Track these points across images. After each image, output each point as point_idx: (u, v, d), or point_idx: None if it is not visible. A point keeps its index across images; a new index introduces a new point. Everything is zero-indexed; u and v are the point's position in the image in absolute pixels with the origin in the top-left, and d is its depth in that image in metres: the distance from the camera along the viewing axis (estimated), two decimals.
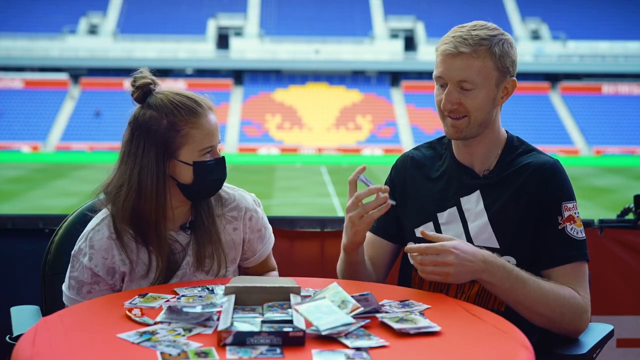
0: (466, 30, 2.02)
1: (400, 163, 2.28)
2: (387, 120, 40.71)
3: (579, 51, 44.13)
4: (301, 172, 27.58)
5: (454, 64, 2.00)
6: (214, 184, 2.08)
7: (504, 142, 2.14)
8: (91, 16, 46.28)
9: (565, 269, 1.98)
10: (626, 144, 38.27)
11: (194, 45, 43.94)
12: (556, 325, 1.93)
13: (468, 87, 2.01)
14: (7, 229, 3.07)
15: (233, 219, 2.16)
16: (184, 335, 1.55)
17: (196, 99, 2.06)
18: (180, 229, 2.10)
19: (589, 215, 6.12)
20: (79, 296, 2.05)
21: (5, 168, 27.36)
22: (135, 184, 2.00)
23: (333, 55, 43.78)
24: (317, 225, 3.13)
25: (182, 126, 1.99)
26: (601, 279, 3.04)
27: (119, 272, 2.05)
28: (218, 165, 2.05)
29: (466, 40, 1.99)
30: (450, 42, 2.01)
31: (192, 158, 2.01)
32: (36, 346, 1.49)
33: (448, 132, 2.08)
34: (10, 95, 41.08)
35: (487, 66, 2.00)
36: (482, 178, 2.10)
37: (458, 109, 2.03)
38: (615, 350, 3.13)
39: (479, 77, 2.00)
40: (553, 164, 2.06)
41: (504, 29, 2.07)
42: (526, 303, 1.91)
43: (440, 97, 2.05)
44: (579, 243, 2.01)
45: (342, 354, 1.45)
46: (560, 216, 2.00)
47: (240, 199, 2.18)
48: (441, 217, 2.12)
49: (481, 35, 2.01)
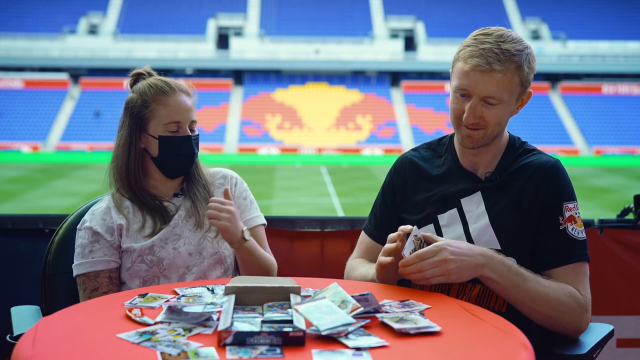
0: (494, 42, 1.97)
1: (399, 165, 2.27)
2: (387, 120, 40.71)
3: (579, 51, 44.12)
4: (301, 172, 27.58)
5: (484, 79, 1.96)
6: (179, 159, 2.25)
7: (506, 143, 2.14)
8: (91, 16, 46.27)
9: (567, 269, 1.98)
10: (626, 144, 38.27)
11: (194, 45, 43.94)
12: (557, 323, 1.93)
13: (493, 102, 1.98)
14: (7, 229, 3.07)
15: (221, 185, 2.38)
16: (184, 335, 1.55)
17: (169, 81, 2.29)
18: (174, 196, 2.32)
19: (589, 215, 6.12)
20: (82, 259, 2.20)
21: (5, 168, 27.36)
22: (119, 154, 2.28)
23: (333, 55, 43.78)
24: (317, 225, 3.13)
25: (150, 103, 2.24)
26: (601, 279, 3.04)
27: (117, 227, 2.24)
28: (183, 141, 2.24)
29: (498, 55, 1.95)
30: (481, 56, 1.95)
31: (157, 132, 2.24)
32: (36, 346, 1.49)
33: (463, 142, 2.06)
34: (10, 95, 41.09)
35: (514, 83, 1.99)
36: (483, 180, 2.10)
37: (479, 122, 2.01)
38: (615, 350, 3.13)
39: (505, 93, 1.98)
40: (554, 164, 2.05)
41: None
42: (527, 300, 1.90)
43: (459, 107, 2.02)
44: (580, 243, 2.00)
45: (342, 354, 1.45)
46: (562, 216, 2.00)
47: (226, 171, 2.43)
48: (442, 218, 2.11)
49: (512, 51, 1.96)
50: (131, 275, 2.21)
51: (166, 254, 2.21)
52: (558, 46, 44.51)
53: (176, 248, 2.22)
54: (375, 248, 2.24)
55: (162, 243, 2.22)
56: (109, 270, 2.20)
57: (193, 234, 2.25)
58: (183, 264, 2.22)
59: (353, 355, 1.44)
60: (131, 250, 2.21)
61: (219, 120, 38.99)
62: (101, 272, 2.19)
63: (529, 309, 1.91)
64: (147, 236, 2.22)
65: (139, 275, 2.20)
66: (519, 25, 46.49)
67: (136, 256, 2.20)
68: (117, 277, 2.23)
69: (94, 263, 2.19)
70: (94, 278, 2.19)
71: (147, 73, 2.33)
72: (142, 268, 2.20)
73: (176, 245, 2.23)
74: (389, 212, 2.24)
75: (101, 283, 2.18)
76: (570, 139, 39.28)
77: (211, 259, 2.24)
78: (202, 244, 2.25)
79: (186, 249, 2.23)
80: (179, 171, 2.29)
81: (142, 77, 2.32)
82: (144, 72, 2.32)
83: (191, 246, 2.24)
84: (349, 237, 3.03)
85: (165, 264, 2.21)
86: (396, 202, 2.22)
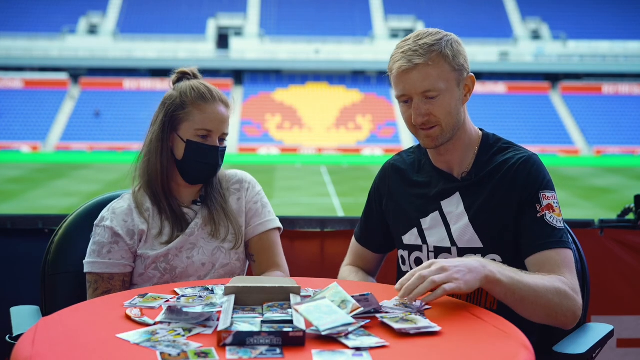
0: (412, 42, 2.02)
1: (383, 172, 2.29)
2: (387, 120, 40.71)
3: (579, 51, 44.12)
4: (301, 172, 27.58)
5: (412, 77, 2.00)
6: (202, 167, 2.22)
7: (479, 141, 2.13)
8: (91, 16, 46.27)
9: (550, 254, 1.96)
10: (626, 144, 38.26)
11: (194, 45, 43.94)
12: (558, 312, 1.89)
13: (433, 95, 2.00)
14: (7, 229, 3.07)
15: (236, 191, 2.35)
16: (183, 335, 1.55)
17: (211, 89, 2.26)
18: (192, 204, 2.29)
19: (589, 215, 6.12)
20: (99, 258, 2.17)
21: (5, 168, 27.35)
22: (152, 149, 2.24)
23: (333, 55, 43.78)
24: (317, 225, 3.13)
25: (188, 105, 2.22)
26: (601, 279, 3.04)
27: (138, 232, 2.21)
28: (210, 150, 2.21)
29: (416, 51, 1.99)
30: (402, 58, 2.01)
31: (187, 135, 2.21)
32: (36, 346, 1.49)
33: (424, 143, 2.08)
34: (10, 95, 41.07)
35: (444, 70, 2.01)
36: (460, 180, 2.11)
37: (429, 119, 2.02)
38: (615, 350, 3.13)
39: (440, 82, 2.00)
40: (529, 157, 2.06)
41: (503, 29, 2.08)
42: (531, 295, 1.84)
43: (408, 113, 2.05)
44: (559, 231, 2.00)
45: (342, 354, 1.45)
46: (539, 204, 2.01)
47: (242, 175, 2.40)
48: (424, 222, 2.13)
49: (429, 42, 2.01)
50: (143, 281, 2.21)
51: (180, 263, 2.20)
52: (558, 46, 44.51)
53: (190, 257, 2.22)
54: (365, 254, 2.31)
55: (177, 251, 2.21)
56: (123, 274, 2.20)
57: (208, 243, 2.24)
58: (195, 273, 2.21)
59: (353, 355, 1.44)
60: (145, 257, 2.20)
61: None
62: (116, 275, 2.18)
63: (533, 305, 1.86)
64: (163, 243, 2.20)
65: (151, 282, 2.20)
66: (519, 25, 46.47)
67: (150, 262, 2.19)
68: (130, 281, 2.22)
69: (110, 265, 2.18)
70: (107, 280, 2.18)
71: (192, 74, 2.31)
72: (155, 275, 2.20)
73: (190, 255, 2.22)
74: (375, 219, 2.28)
75: (114, 286, 2.17)
76: (571, 139, 39.28)
77: (222, 270, 2.24)
78: (216, 255, 2.24)
79: (200, 259, 2.22)
80: (200, 179, 2.26)
81: (186, 76, 2.30)
82: (189, 72, 2.31)
83: (205, 256, 2.23)
84: (349, 237, 3.01)
85: (178, 272, 2.20)
86: (382, 209, 2.26)
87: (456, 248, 2.08)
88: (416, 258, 2.15)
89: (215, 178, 2.31)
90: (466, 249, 2.06)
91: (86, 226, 2.28)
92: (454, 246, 2.08)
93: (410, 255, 2.16)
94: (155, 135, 2.24)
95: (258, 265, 2.31)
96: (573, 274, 1.97)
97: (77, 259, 2.25)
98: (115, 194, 2.38)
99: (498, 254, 2.04)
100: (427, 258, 2.12)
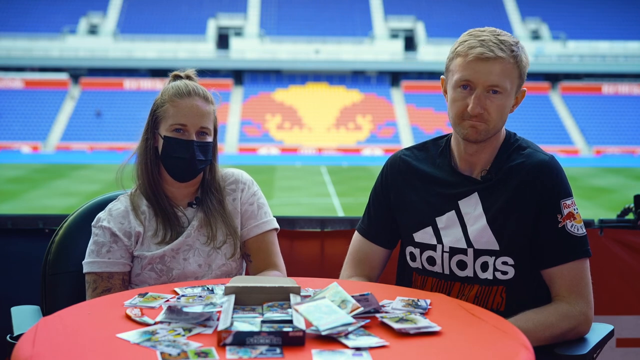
0: (491, 35, 2.00)
1: (391, 164, 2.24)
2: (387, 120, 40.69)
3: (579, 51, 44.10)
4: (301, 172, 27.57)
5: (489, 67, 1.96)
6: (179, 162, 2.21)
7: (503, 139, 2.12)
8: (91, 16, 46.24)
9: (566, 268, 1.98)
10: (626, 144, 38.24)
11: (194, 45, 43.92)
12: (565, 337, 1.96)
13: (498, 90, 1.98)
14: (7, 229, 3.07)
15: (232, 191, 2.35)
16: (184, 335, 1.55)
17: (189, 84, 2.27)
18: (188, 206, 2.28)
19: (589, 215, 6.12)
20: (98, 257, 2.18)
21: (5, 168, 27.33)
22: (140, 151, 2.28)
23: (333, 55, 43.75)
24: (317, 225, 3.13)
25: (165, 102, 2.25)
26: (601, 279, 3.04)
27: (135, 234, 2.22)
28: (184, 144, 2.21)
29: (498, 45, 1.97)
30: (482, 46, 1.97)
31: (164, 132, 2.23)
32: (36, 346, 1.49)
33: (467, 134, 2.03)
34: (10, 95, 41.05)
35: (514, 74, 2.00)
36: (479, 181, 2.08)
37: (483, 114, 2.00)
38: (615, 350, 3.13)
39: (508, 82, 1.99)
40: (549, 162, 2.05)
41: (503, 29, 2.07)
42: (546, 332, 1.92)
43: (462, 101, 2.01)
44: (580, 240, 2.00)
45: (342, 354, 1.45)
46: (560, 214, 2.00)
47: (239, 174, 2.39)
48: (440, 221, 2.10)
49: (510, 42, 1.99)
50: (140, 282, 2.21)
51: (176, 264, 2.21)
52: (558, 46, 44.49)
53: (186, 259, 2.22)
54: (370, 252, 2.23)
55: (174, 253, 2.21)
56: (122, 273, 2.20)
57: (204, 245, 2.25)
58: (192, 274, 2.21)
59: (353, 355, 1.44)
60: (142, 257, 2.20)
61: (219, 120, 38.79)
62: (115, 273, 2.19)
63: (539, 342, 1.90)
64: (159, 243, 2.21)
65: (148, 283, 2.20)
66: (519, 25, 46.48)
67: (146, 263, 2.20)
68: (129, 280, 2.23)
69: (110, 264, 2.18)
70: (107, 279, 2.18)
71: (185, 76, 2.32)
72: (152, 276, 2.20)
73: (187, 256, 2.22)
74: (383, 211, 2.22)
75: (114, 284, 2.18)
76: (570, 139, 39.27)
77: (219, 271, 2.24)
78: (212, 257, 2.24)
79: (196, 260, 2.22)
80: (182, 175, 2.24)
81: (178, 78, 2.32)
82: (182, 75, 2.33)
83: (201, 258, 2.23)
84: (349, 237, 3.00)
85: (175, 274, 2.20)
86: (390, 202, 2.21)
87: (472, 249, 2.06)
88: (429, 257, 2.12)
89: (212, 178, 2.30)
90: (482, 250, 2.04)
91: (86, 226, 2.28)
92: (470, 247, 2.06)
93: (423, 253, 2.13)
94: (142, 136, 2.29)
95: (255, 265, 2.31)
96: (588, 285, 2.00)
97: (77, 259, 2.25)
98: (115, 194, 2.38)
99: (511, 257, 2.03)
100: (441, 258, 2.09)
